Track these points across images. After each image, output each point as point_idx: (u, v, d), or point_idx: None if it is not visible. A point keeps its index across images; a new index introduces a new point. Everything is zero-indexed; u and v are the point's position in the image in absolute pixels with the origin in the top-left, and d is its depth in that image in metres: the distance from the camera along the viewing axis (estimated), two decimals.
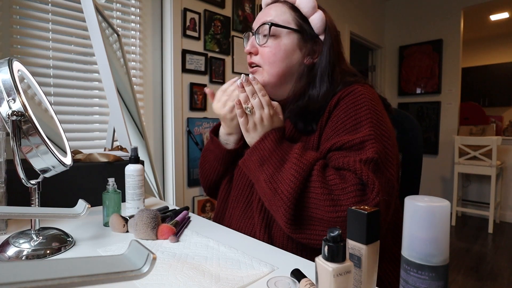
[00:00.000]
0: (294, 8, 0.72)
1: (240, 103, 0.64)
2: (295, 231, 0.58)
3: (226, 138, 0.79)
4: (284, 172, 0.58)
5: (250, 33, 0.77)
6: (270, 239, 0.67)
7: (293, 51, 0.71)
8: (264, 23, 0.71)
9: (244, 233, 0.71)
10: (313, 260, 0.38)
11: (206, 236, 0.66)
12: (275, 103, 0.67)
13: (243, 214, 0.74)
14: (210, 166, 0.84)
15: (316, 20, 0.71)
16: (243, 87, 0.64)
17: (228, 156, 0.80)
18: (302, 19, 0.72)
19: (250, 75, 0.65)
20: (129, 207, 0.78)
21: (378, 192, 0.53)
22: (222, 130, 0.80)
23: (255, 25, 0.75)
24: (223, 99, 0.73)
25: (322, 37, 0.73)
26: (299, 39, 0.72)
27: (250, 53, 0.75)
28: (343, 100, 0.65)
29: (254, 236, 0.69)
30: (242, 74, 0.64)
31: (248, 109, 0.64)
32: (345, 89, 0.67)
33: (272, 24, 0.70)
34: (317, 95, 0.69)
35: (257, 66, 0.74)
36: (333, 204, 0.54)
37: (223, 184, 0.84)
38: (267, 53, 0.71)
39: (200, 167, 0.89)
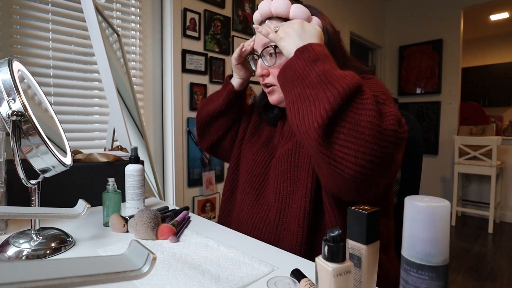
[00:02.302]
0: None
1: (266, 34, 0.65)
2: (329, 133, 0.51)
3: (234, 80, 0.86)
4: (342, 72, 0.54)
5: (255, 56, 0.77)
6: (284, 226, 0.67)
7: None
8: (268, 46, 0.71)
9: (256, 220, 0.71)
10: (313, 260, 0.38)
11: (206, 236, 0.66)
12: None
13: (256, 201, 0.75)
14: (211, 101, 0.89)
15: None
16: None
17: (229, 93, 0.85)
18: None
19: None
20: (129, 207, 0.78)
21: (405, 131, 0.53)
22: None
23: (257, 47, 0.74)
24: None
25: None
26: None
27: (262, 76, 0.75)
28: None
29: (267, 223, 0.69)
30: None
31: (276, 27, 0.65)
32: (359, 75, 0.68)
33: (276, 46, 0.70)
34: None
35: (272, 85, 0.74)
36: (377, 114, 0.50)
37: (231, 168, 0.87)
38: (276, 73, 0.71)
39: (201, 107, 0.93)
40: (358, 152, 0.49)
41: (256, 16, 0.76)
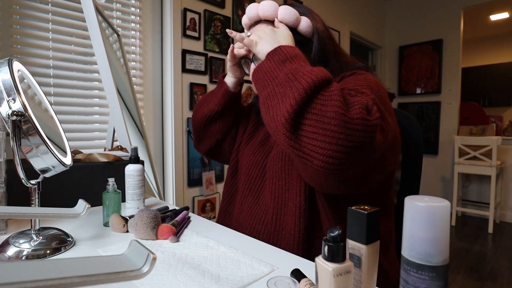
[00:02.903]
0: (272, 24, 0.70)
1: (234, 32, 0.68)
2: (296, 126, 0.52)
3: (227, 79, 0.85)
4: (307, 70, 0.54)
5: (248, 60, 0.77)
6: (281, 226, 0.67)
7: None
8: None
9: (255, 221, 0.72)
10: (313, 260, 0.38)
11: (206, 236, 0.66)
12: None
13: (255, 203, 0.75)
14: (206, 102, 0.88)
15: (305, 27, 0.70)
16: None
17: (225, 95, 0.84)
18: (290, 31, 0.71)
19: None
20: (129, 207, 0.78)
21: (378, 118, 0.51)
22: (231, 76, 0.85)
23: (249, 52, 0.74)
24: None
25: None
26: None
27: None
28: (347, 78, 0.66)
29: (265, 224, 0.69)
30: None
31: (248, 33, 0.67)
32: (348, 72, 0.68)
33: None
34: None
35: None
36: (342, 105, 0.50)
37: (230, 169, 0.86)
38: None
39: (195, 109, 0.92)
40: (325, 143, 0.49)
41: (245, 20, 0.75)
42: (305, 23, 0.70)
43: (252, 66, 0.73)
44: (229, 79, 0.84)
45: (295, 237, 0.64)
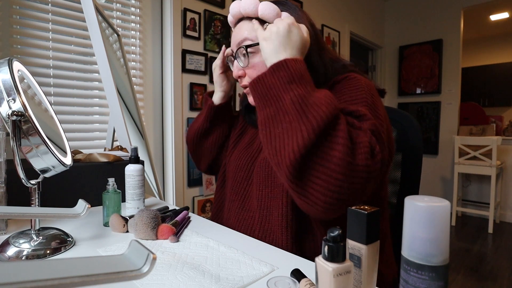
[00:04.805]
0: (261, 21, 0.69)
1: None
2: (300, 169, 0.50)
3: (214, 96, 0.86)
4: (317, 98, 0.52)
5: (232, 58, 0.76)
6: (267, 233, 0.67)
7: None
8: (240, 47, 0.70)
9: (242, 228, 0.71)
10: (313, 260, 0.38)
11: (206, 236, 0.66)
12: None
13: (241, 208, 0.74)
14: (195, 121, 0.90)
15: None
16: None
17: (210, 109, 0.85)
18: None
19: None
20: (129, 207, 0.78)
21: (381, 160, 0.52)
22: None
23: (233, 47, 0.74)
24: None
25: None
26: None
27: (239, 77, 0.74)
28: (339, 84, 0.65)
29: (252, 230, 0.69)
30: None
31: (266, 25, 0.65)
32: (340, 75, 0.67)
33: (247, 46, 0.69)
34: None
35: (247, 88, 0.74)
36: (349, 150, 0.49)
37: (220, 176, 0.85)
38: (252, 73, 0.71)
39: (188, 130, 0.93)
40: (328, 190, 0.49)
41: (229, 18, 0.76)
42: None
43: (235, 64, 0.73)
44: (216, 95, 0.85)
45: (283, 245, 0.63)
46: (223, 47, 0.80)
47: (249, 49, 0.70)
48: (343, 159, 0.48)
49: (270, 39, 0.60)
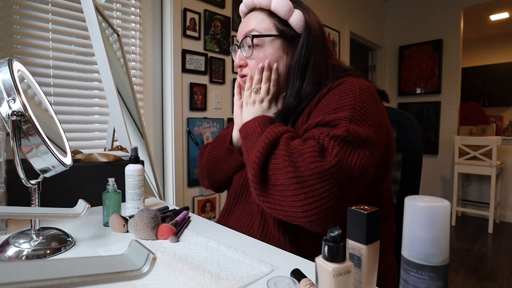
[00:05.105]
0: (272, 14, 0.71)
1: (251, 81, 0.73)
2: (261, 198, 0.58)
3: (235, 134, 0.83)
4: (257, 142, 0.62)
5: (236, 47, 0.77)
6: (267, 236, 0.67)
7: (279, 57, 0.71)
8: (246, 36, 0.71)
9: (242, 230, 0.71)
10: (313, 260, 0.38)
11: (206, 236, 0.66)
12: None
13: (243, 211, 0.75)
14: (220, 170, 0.84)
15: (295, 21, 0.69)
16: (263, 70, 0.70)
17: (229, 149, 0.82)
18: (281, 23, 0.71)
19: (275, 65, 0.71)
20: (129, 207, 0.78)
21: (337, 154, 0.51)
22: (235, 133, 0.81)
23: (239, 37, 0.75)
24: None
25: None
26: (282, 43, 0.71)
27: (240, 66, 0.75)
28: (333, 90, 0.65)
29: (251, 233, 0.69)
30: (267, 60, 0.71)
31: (255, 89, 0.72)
32: (337, 80, 0.67)
33: (254, 36, 0.70)
34: (294, 94, 0.70)
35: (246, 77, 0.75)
36: (291, 165, 0.53)
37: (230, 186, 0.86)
38: (254, 65, 0.72)
39: (204, 167, 0.86)
40: (287, 212, 0.55)
41: (241, 7, 0.76)
42: (297, 16, 0.69)
43: (238, 53, 0.75)
44: (236, 134, 0.81)
45: (284, 247, 0.63)
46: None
47: (254, 41, 0.70)
48: (288, 178, 0.53)
49: (245, 108, 0.73)
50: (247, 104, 0.73)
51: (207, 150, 0.87)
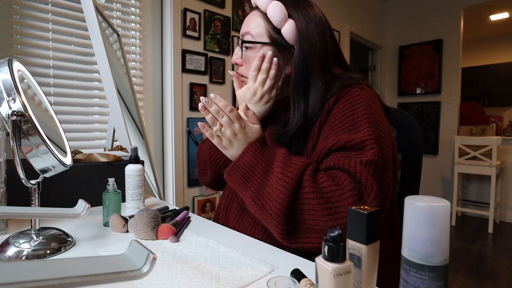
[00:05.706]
0: (269, 19, 0.69)
1: (206, 126, 0.63)
2: (291, 242, 0.56)
3: None
4: (270, 187, 0.56)
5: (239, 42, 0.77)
6: (270, 236, 0.67)
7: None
8: (240, 38, 0.72)
9: (242, 230, 0.71)
10: (313, 260, 0.38)
11: (206, 236, 0.66)
12: (250, 112, 0.65)
13: (240, 211, 0.74)
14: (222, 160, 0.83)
15: (287, 32, 0.66)
16: (206, 109, 0.62)
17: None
18: (275, 30, 0.69)
19: (212, 94, 0.63)
20: (129, 207, 0.78)
21: (375, 197, 0.53)
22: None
23: (241, 33, 0.75)
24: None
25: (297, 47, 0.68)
26: (273, 50, 0.70)
27: (235, 63, 0.75)
28: (341, 100, 0.65)
29: (252, 233, 0.69)
30: (202, 97, 0.62)
31: (217, 131, 0.62)
32: (343, 90, 0.66)
33: (244, 42, 0.71)
34: (300, 114, 0.67)
35: (243, 77, 0.75)
36: (332, 213, 0.53)
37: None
38: (243, 67, 0.73)
39: (207, 158, 0.85)
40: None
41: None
42: (289, 27, 0.66)
43: (236, 50, 0.75)
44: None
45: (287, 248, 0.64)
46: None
47: (244, 44, 0.71)
48: (325, 221, 0.53)
49: (228, 144, 0.63)
50: (225, 149, 0.64)
51: (207, 144, 0.86)
